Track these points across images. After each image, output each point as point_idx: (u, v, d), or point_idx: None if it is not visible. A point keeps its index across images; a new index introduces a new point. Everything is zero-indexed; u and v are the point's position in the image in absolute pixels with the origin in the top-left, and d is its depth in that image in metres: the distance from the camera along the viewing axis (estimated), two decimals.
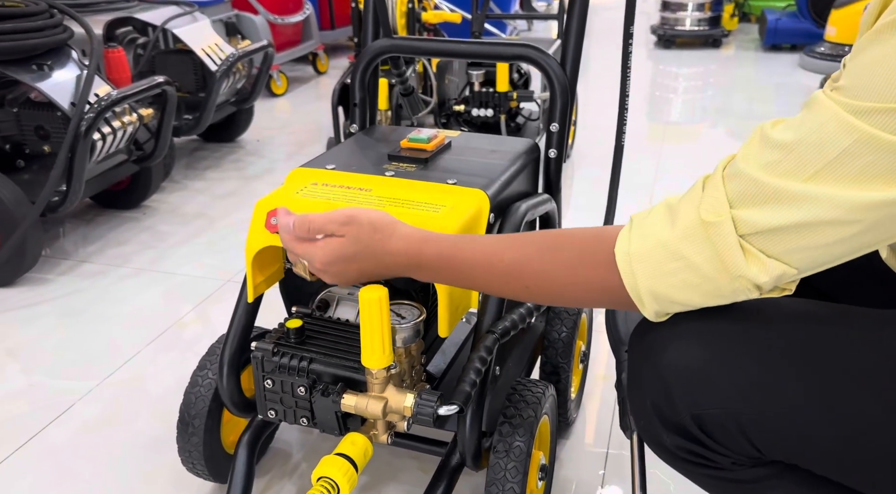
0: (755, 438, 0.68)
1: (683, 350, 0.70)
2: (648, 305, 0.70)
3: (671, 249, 0.66)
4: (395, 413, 0.94)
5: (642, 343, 0.76)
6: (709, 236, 0.64)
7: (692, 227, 0.65)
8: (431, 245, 0.82)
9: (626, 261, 0.69)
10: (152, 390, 1.58)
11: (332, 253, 0.83)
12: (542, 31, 6.04)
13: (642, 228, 0.70)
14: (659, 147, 3.17)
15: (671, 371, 0.70)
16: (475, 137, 1.30)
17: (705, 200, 0.65)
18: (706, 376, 0.69)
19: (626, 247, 0.69)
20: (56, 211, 2.03)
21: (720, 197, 0.64)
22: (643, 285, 0.69)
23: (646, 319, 0.77)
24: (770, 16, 5.07)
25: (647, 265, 0.68)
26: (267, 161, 3.07)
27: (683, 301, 0.69)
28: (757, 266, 0.63)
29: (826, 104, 0.60)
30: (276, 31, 4.01)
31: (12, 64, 1.99)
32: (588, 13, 1.23)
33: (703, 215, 0.65)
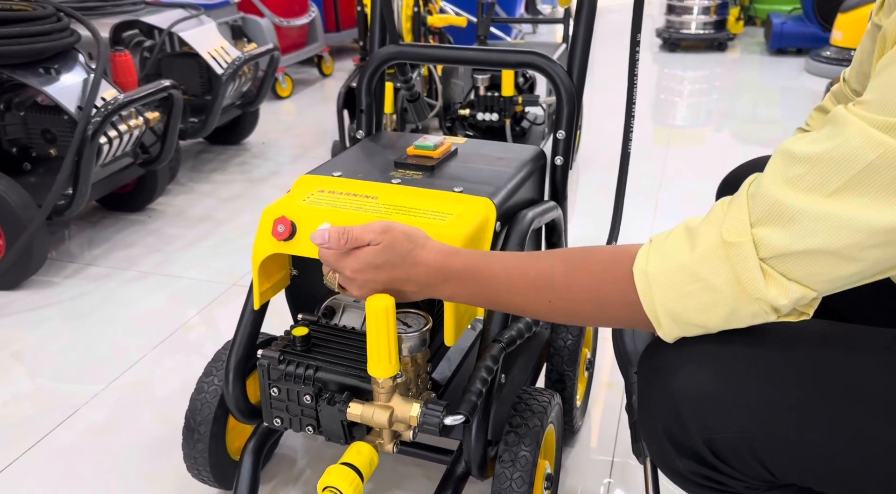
0: (769, 462, 0.68)
1: (694, 374, 0.70)
2: (665, 325, 0.70)
3: (690, 270, 0.66)
4: (400, 423, 0.94)
5: (652, 367, 0.75)
6: (728, 257, 0.64)
7: (713, 248, 0.65)
8: (460, 258, 0.83)
9: (643, 281, 0.69)
10: (158, 394, 1.59)
11: (363, 261, 0.84)
12: (547, 35, 6.04)
13: (661, 249, 0.70)
14: (664, 151, 3.17)
15: (682, 395, 0.70)
16: (481, 144, 1.30)
17: (728, 220, 0.65)
18: (717, 400, 0.68)
19: (643, 266, 0.69)
20: (62, 214, 2.04)
21: (742, 217, 0.64)
22: (661, 305, 0.68)
23: (655, 341, 0.77)
24: (776, 19, 5.06)
25: (665, 286, 0.68)
26: (272, 164, 3.08)
27: (701, 323, 0.68)
28: (777, 289, 0.63)
29: (850, 120, 0.60)
30: (282, 34, 4.02)
31: (20, 68, 2.00)
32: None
33: (724, 235, 0.65)
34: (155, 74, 2.80)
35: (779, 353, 0.69)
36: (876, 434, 0.64)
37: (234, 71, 2.74)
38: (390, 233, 0.84)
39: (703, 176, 2.75)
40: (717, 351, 0.70)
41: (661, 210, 2.54)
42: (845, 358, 0.68)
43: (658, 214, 2.51)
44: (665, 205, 2.58)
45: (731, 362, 0.69)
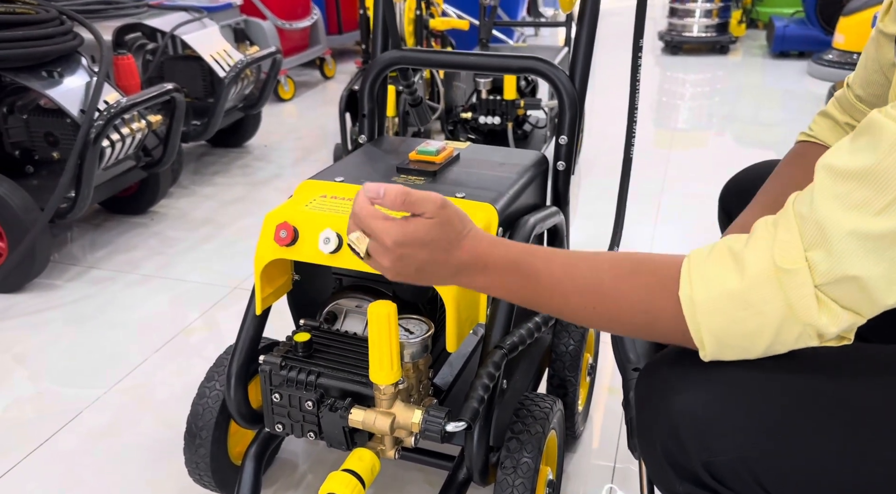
0: (768, 484, 0.67)
1: (694, 395, 0.69)
2: (710, 349, 0.68)
3: (739, 298, 0.64)
4: (402, 429, 0.94)
5: (651, 386, 0.74)
6: (782, 285, 0.62)
7: (764, 274, 0.63)
8: (502, 248, 0.78)
9: (689, 307, 0.67)
10: (159, 397, 1.59)
11: (412, 233, 0.75)
12: (549, 38, 6.04)
13: (704, 272, 0.67)
14: (666, 154, 3.17)
15: (681, 417, 0.69)
16: (483, 149, 1.30)
17: (778, 244, 0.63)
18: (717, 422, 0.68)
19: (688, 291, 0.67)
20: (65, 217, 2.04)
21: (794, 241, 0.62)
22: (707, 331, 0.66)
23: (653, 361, 0.77)
24: (778, 22, 5.06)
25: (712, 313, 0.66)
26: (275, 167, 3.08)
27: (746, 347, 0.67)
28: (828, 317, 0.62)
29: (890, 127, 0.58)
30: (284, 36, 4.02)
31: (23, 71, 2.01)
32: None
33: (777, 260, 0.63)
34: (157, 76, 2.80)
35: (778, 374, 0.68)
36: (876, 455, 0.64)
37: (236, 74, 2.75)
38: (446, 210, 0.76)
39: (705, 179, 2.74)
40: (717, 372, 0.69)
41: (663, 214, 2.54)
42: (845, 379, 0.68)
43: (660, 217, 2.50)
44: (667, 208, 2.58)
45: (730, 383, 0.69)
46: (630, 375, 0.91)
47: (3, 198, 1.91)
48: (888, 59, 0.90)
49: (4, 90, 2.20)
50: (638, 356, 0.91)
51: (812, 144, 1.03)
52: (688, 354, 0.75)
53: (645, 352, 0.92)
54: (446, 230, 0.76)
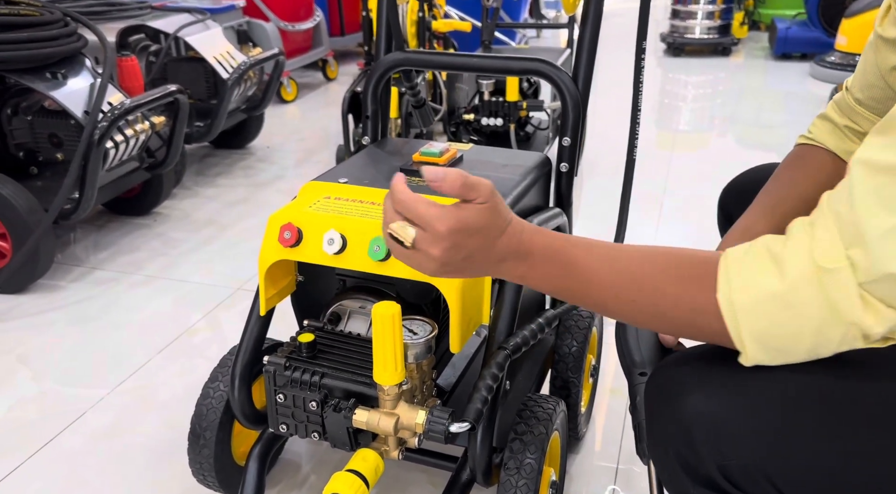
0: (785, 487, 0.66)
1: (706, 398, 0.68)
2: (751, 352, 0.67)
3: (781, 299, 0.63)
4: (406, 430, 0.94)
5: (661, 391, 0.74)
6: (823, 285, 0.61)
7: (806, 275, 0.62)
8: (544, 237, 0.76)
9: (729, 310, 0.66)
10: (163, 398, 1.59)
11: (465, 219, 0.72)
12: (552, 39, 6.05)
13: (743, 274, 0.66)
14: (668, 155, 3.17)
15: (694, 421, 0.68)
16: (486, 150, 1.30)
17: (817, 243, 0.63)
18: (731, 425, 0.67)
19: (727, 293, 0.66)
20: (69, 218, 2.05)
21: (833, 239, 0.62)
22: (748, 333, 0.66)
23: (662, 364, 0.76)
24: (780, 24, 5.06)
25: (753, 316, 0.65)
26: (277, 168, 3.09)
27: (789, 349, 0.66)
28: (874, 317, 0.61)
29: None
30: (287, 38, 4.03)
31: (27, 72, 2.01)
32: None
33: (818, 260, 0.62)
34: (161, 78, 2.81)
35: (791, 374, 0.68)
36: (894, 455, 0.63)
37: (239, 75, 2.75)
38: (496, 196, 0.74)
39: (707, 181, 2.75)
40: (729, 374, 0.68)
41: (666, 215, 2.54)
42: (858, 378, 0.67)
43: (662, 219, 2.51)
44: (669, 210, 2.58)
45: (743, 384, 0.68)
46: (636, 379, 0.90)
47: (7, 199, 1.92)
48: (888, 64, 0.90)
49: (9, 92, 2.20)
50: (644, 360, 0.91)
51: (811, 147, 1.03)
52: (696, 357, 0.74)
53: (650, 356, 0.92)
54: (496, 217, 0.74)
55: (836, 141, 1.00)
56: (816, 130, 1.04)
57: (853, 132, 0.99)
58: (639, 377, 0.90)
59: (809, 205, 0.96)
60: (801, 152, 1.03)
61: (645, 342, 0.93)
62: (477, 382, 0.95)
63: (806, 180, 0.99)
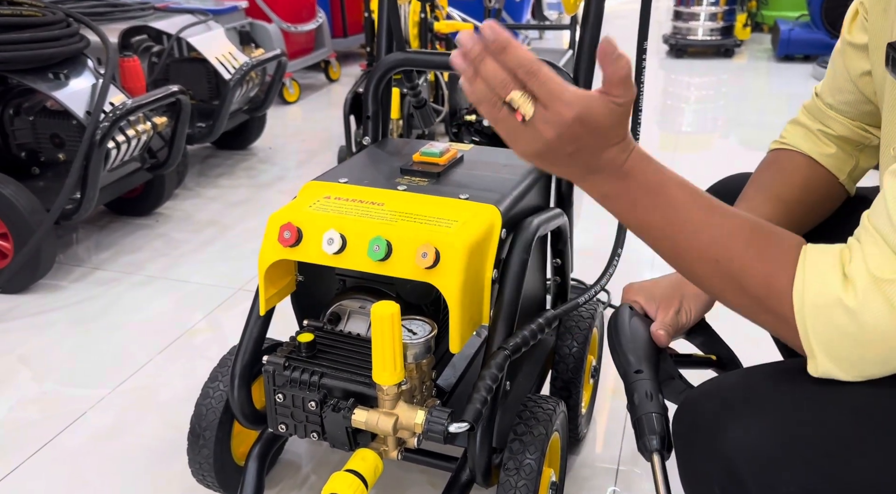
0: None
1: (745, 430, 0.66)
2: (820, 359, 0.66)
3: (847, 309, 0.63)
4: (405, 430, 0.94)
5: (692, 424, 0.71)
6: (886, 296, 0.61)
7: (867, 288, 0.62)
8: (651, 164, 0.72)
9: (801, 310, 0.65)
10: (163, 398, 1.59)
11: (595, 113, 0.66)
12: (554, 41, 6.04)
13: (819, 277, 0.65)
14: (671, 156, 3.17)
15: (737, 454, 0.65)
16: (487, 150, 1.30)
17: (869, 257, 0.63)
18: (777, 455, 0.64)
19: (801, 291, 0.65)
20: (70, 218, 2.05)
21: (884, 252, 0.62)
22: (815, 338, 0.65)
23: (690, 396, 0.74)
24: (783, 26, 5.05)
25: (821, 322, 0.64)
26: (279, 169, 3.09)
27: (857, 359, 0.65)
28: None
29: None
30: (289, 39, 4.04)
31: (29, 73, 2.02)
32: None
33: (875, 272, 0.62)
34: (163, 79, 2.81)
35: (833, 395, 0.66)
36: None
37: (241, 76, 2.76)
38: (630, 104, 0.69)
39: (710, 182, 2.73)
40: (763, 401, 0.67)
41: None
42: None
43: None
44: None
45: (781, 411, 0.66)
46: (632, 377, 0.90)
47: (8, 199, 1.92)
48: (858, 70, 0.92)
49: (11, 92, 2.21)
50: (638, 358, 0.91)
51: (786, 151, 1.03)
52: (725, 386, 0.73)
53: (645, 354, 0.92)
54: (622, 123, 0.69)
55: (810, 145, 1.01)
56: (790, 135, 1.05)
57: (826, 136, 1.00)
58: (635, 375, 0.89)
59: (788, 207, 0.97)
60: (776, 157, 1.04)
61: (638, 340, 0.93)
62: (476, 382, 0.95)
63: (783, 183, 1.00)
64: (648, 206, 0.72)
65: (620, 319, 0.96)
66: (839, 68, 0.96)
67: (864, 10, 0.89)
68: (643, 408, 0.85)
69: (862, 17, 0.89)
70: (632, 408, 0.88)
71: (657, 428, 0.84)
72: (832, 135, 0.99)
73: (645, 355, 0.91)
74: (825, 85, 1.00)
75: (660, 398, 0.87)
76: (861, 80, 0.92)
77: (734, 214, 0.73)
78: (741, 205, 1.00)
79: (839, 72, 0.96)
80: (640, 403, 0.86)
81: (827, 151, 0.99)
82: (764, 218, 0.95)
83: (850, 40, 0.92)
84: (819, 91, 1.02)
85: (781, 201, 0.97)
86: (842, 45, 0.95)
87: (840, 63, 0.95)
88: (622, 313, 0.97)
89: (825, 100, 1.00)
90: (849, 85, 0.95)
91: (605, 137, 0.68)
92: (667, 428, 0.84)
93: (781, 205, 0.97)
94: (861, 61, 0.90)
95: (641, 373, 0.89)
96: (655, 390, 0.88)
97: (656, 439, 0.83)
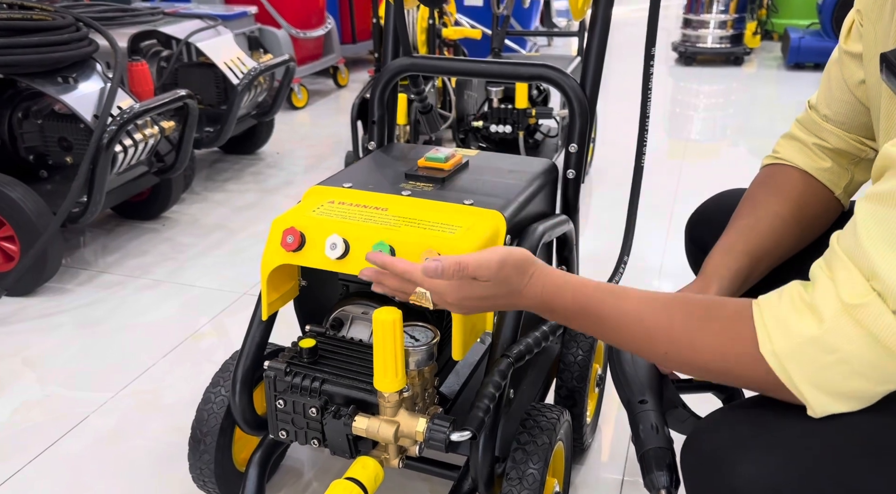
0: None
1: (756, 465, 0.65)
2: (813, 399, 0.65)
3: (822, 343, 0.63)
4: (406, 438, 0.93)
5: (702, 460, 0.71)
6: (858, 321, 0.61)
7: (837, 315, 0.62)
8: (568, 294, 0.80)
9: (776, 361, 0.66)
10: (166, 402, 1.58)
11: (471, 292, 0.82)
12: (562, 48, 6.04)
13: (781, 324, 0.66)
14: (679, 164, 3.15)
15: (749, 489, 0.65)
16: (493, 156, 1.29)
17: (840, 283, 0.63)
18: (789, 488, 0.64)
19: (769, 347, 0.66)
20: (77, 221, 2.05)
21: (854, 277, 0.62)
22: (801, 381, 0.65)
23: (694, 433, 0.73)
24: (793, 34, 5.03)
25: (800, 363, 0.64)
26: (286, 174, 3.09)
27: (851, 391, 0.64)
28: None
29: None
30: (298, 45, 4.05)
31: (38, 76, 2.03)
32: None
33: (846, 298, 0.62)
34: (171, 83, 2.83)
35: (840, 424, 0.66)
36: None
37: (249, 81, 2.76)
38: (504, 270, 0.81)
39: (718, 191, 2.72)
40: (771, 435, 0.66)
41: (676, 225, 2.51)
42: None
43: (672, 228, 2.48)
44: (680, 219, 2.56)
45: (790, 445, 0.66)
46: (636, 408, 0.88)
47: (16, 202, 1.93)
48: (855, 79, 0.91)
49: (20, 95, 2.22)
50: (641, 386, 0.89)
51: (781, 166, 1.03)
52: (732, 421, 0.72)
53: (648, 382, 0.90)
54: (503, 287, 0.82)
55: (804, 159, 1.00)
56: (783, 149, 1.04)
57: (821, 149, 0.99)
58: (639, 405, 0.87)
59: (785, 222, 0.96)
60: (771, 172, 1.04)
61: (640, 366, 0.91)
62: (479, 390, 0.93)
63: (779, 199, 0.99)
64: (585, 325, 0.81)
65: None
66: (835, 78, 0.95)
67: (860, 19, 0.88)
68: (650, 442, 0.84)
69: (858, 25, 0.89)
70: (637, 442, 0.85)
71: (665, 464, 0.82)
72: (828, 148, 0.98)
73: (648, 382, 0.90)
74: (820, 96, 0.99)
75: (665, 431, 0.85)
76: (859, 89, 0.91)
77: (666, 303, 0.76)
78: (736, 222, 0.99)
79: (835, 82, 0.95)
80: (647, 437, 0.84)
81: (822, 165, 0.98)
82: (761, 235, 0.96)
83: (847, 49, 0.91)
84: (814, 103, 1.01)
85: (778, 217, 0.97)
86: (838, 54, 0.94)
87: (836, 73, 0.95)
88: None
89: (821, 112, 0.99)
90: (846, 95, 0.94)
91: (500, 297, 0.83)
92: (674, 463, 0.83)
93: (778, 221, 0.96)
94: (858, 70, 0.90)
95: (646, 403, 0.87)
96: (661, 421, 0.86)
97: (665, 476, 0.81)
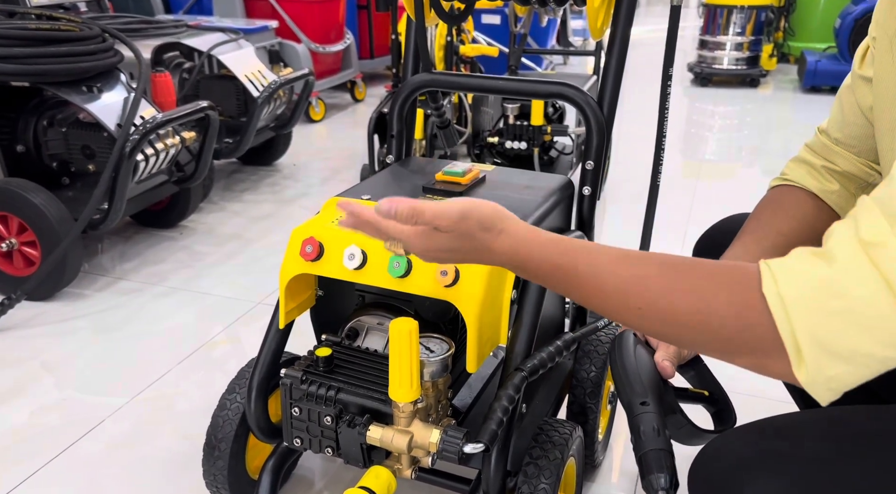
0: None
1: (764, 488, 0.64)
2: (809, 358, 0.59)
3: (832, 284, 0.57)
4: (420, 448, 0.94)
5: (709, 483, 0.70)
6: (874, 261, 0.56)
7: (853, 254, 0.57)
8: (540, 249, 0.75)
9: (778, 303, 0.59)
10: (180, 409, 1.60)
11: (434, 243, 0.77)
12: (579, 66, 6.07)
13: (787, 269, 0.61)
14: (693, 184, 3.15)
15: None
16: (509, 171, 1.31)
17: (861, 225, 0.58)
18: None
19: (773, 287, 0.60)
20: (97, 228, 2.09)
21: (877, 219, 0.57)
22: (802, 331, 0.58)
23: (699, 458, 0.73)
24: (810, 57, 5.04)
25: (805, 308, 0.58)
26: (303, 185, 3.12)
27: (853, 348, 0.57)
28: None
29: None
30: (317, 59, 4.10)
31: (64, 85, 2.07)
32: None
33: (864, 236, 0.57)
34: (193, 94, 2.87)
35: (847, 446, 0.64)
36: None
37: (269, 94, 2.80)
38: (465, 222, 0.75)
39: (733, 211, 2.71)
40: (778, 456, 0.65)
41: (690, 244, 2.51)
42: None
43: (685, 248, 2.48)
44: (693, 239, 2.55)
45: (797, 465, 0.65)
46: (638, 410, 0.88)
47: (39, 208, 1.96)
48: (868, 102, 0.91)
49: (45, 104, 2.26)
50: (644, 389, 0.89)
51: (789, 188, 1.03)
52: (738, 443, 0.71)
53: (650, 385, 0.90)
54: (466, 240, 0.76)
55: (814, 182, 1.00)
56: (792, 172, 1.04)
57: (830, 172, 1.00)
58: (640, 407, 0.87)
59: (789, 240, 0.96)
60: (778, 193, 1.04)
61: (643, 369, 0.91)
62: (492, 403, 0.94)
63: (784, 218, 0.99)
64: (557, 282, 0.75)
65: (625, 345, 0.93)
66: (848, 103, 0.96)
67: (874, 44, 0.89)
68: (650, 444, 0.83)
69: (872, 51, 0.89)
70: (637, 443, 0.85)
71: (665, 466, 0.82)
72: (836, 171, 0.99)
73: (650, 386, 0.90)
74: (832, 121, 1.00)
75: (666, 434, 0.86)
76: (872, 113, 0.92)
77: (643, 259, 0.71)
78: (742, 237, 0.99)
79: (848, 106, 0.96)
80: (647, 439, 0.84)
81: (830, 187, 0.99)
82: (764, 251, 0.94)
83: (861, 74, 0.92)
84: (825, 127, 1.02)
85: (782, 234, 0.97)
86: (851, 79, 0.95)
87: (849, 97, 0.95)
88: (626, 339, 0.95)
89: (832, 135, 0.99)
90: (859, 119, 0.94)
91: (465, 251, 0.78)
92: (674, 466, 0.83)
93: (782, 238, 0.96)
94: (871, 94, 0.90)
95: (647, 405, 0.87)
96: (662, 424, 0.86)
97: (664, 478, 0.81)
